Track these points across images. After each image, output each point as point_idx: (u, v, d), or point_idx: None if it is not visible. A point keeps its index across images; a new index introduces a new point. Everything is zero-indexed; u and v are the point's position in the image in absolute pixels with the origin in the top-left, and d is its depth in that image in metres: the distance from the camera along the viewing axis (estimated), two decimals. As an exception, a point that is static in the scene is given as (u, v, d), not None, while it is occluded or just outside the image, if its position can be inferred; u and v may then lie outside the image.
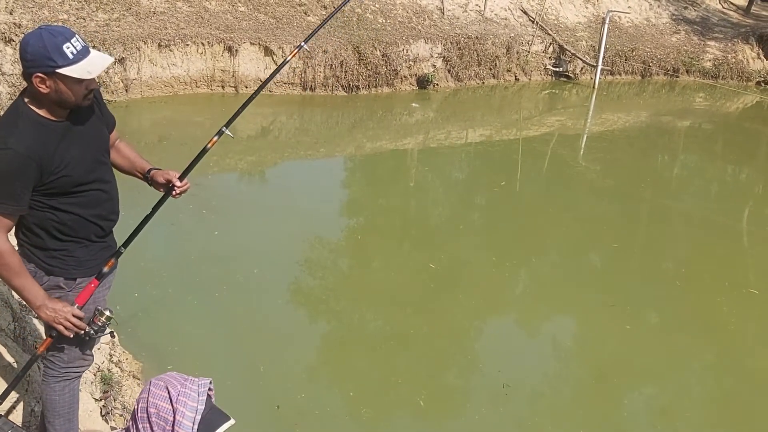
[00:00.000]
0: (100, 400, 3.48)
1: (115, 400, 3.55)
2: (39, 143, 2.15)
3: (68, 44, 2.13)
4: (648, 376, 4.78)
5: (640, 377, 4.77)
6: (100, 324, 2.39)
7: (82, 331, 2.34)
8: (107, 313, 2.40)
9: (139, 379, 3.99)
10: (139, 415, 1.75)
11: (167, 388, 1.76)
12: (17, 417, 2.81)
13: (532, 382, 4.55)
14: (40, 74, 2.11)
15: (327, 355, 4.77)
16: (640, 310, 5.52)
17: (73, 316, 2.29)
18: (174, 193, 2.53)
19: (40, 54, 2.09)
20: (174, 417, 1.72)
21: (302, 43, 3.12)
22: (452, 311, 5.30)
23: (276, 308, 5.09)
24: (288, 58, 3.09)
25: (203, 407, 1.77)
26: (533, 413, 4.28)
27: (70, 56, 2.12)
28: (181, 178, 2.52)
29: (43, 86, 2.13)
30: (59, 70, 2.11)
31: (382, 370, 4.56)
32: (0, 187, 2.13)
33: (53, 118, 2.20)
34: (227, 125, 2.68)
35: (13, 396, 2.85)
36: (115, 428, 3.30)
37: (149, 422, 1.73)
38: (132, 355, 4.22)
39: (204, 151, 2.62)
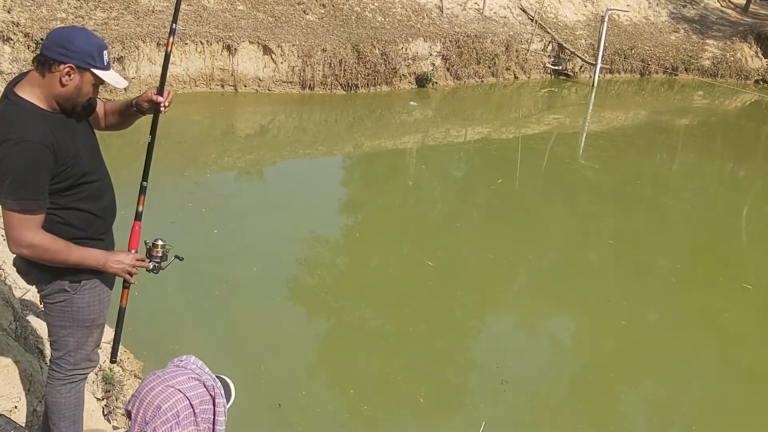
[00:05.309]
0: (102, 399, 3.51)
1: (117, 400, 3.57)
2: (49, 132, 2.17)
3: (106, 51, 2.27)
4: (644, 370, 4.81)
5: (636, 372, 4.80)
6: (160, 255, 2.50)
7: (150, 268, 2.47)
8: (160, 242, 2.49)
9: (140, 378, 4.00)
10: (183, 413, 1.80)
11: (196, 379, 1.84)
12: (20, 417, 2.82)
13: (529, 378, 4.58)
14: (73, 65, 2.16)
15: (327, 353, 4.79)
16: (635, 306, 5.55)
17: (136, 260, 2.40)
18: (163, 108, 2.58)
19: (85, 50, 2.18)
20: (213, 401, 1.86)
21: None
22: (450, 308, 5.33)
23: (276, 306, 5.11)
24: None
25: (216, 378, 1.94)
26: (531, 409, 4.31)
27: (105, 62, 2.25)
28: (160, 94, 2.57)
29: (68, 77, 2.17)
30: (94, 70, 2.21)
31: (382, 367, 4.59)
32: (28, 182, 2.12)
33: (51, 110, 2.23)
34: (174, 21, 2.77)
35: (16, 396, 2.87)
36: (118, 428, 3.32)
37: (194, 416, 1.80)
38: (133, 355, 4.24)
39: (167, 56, 2.71)
